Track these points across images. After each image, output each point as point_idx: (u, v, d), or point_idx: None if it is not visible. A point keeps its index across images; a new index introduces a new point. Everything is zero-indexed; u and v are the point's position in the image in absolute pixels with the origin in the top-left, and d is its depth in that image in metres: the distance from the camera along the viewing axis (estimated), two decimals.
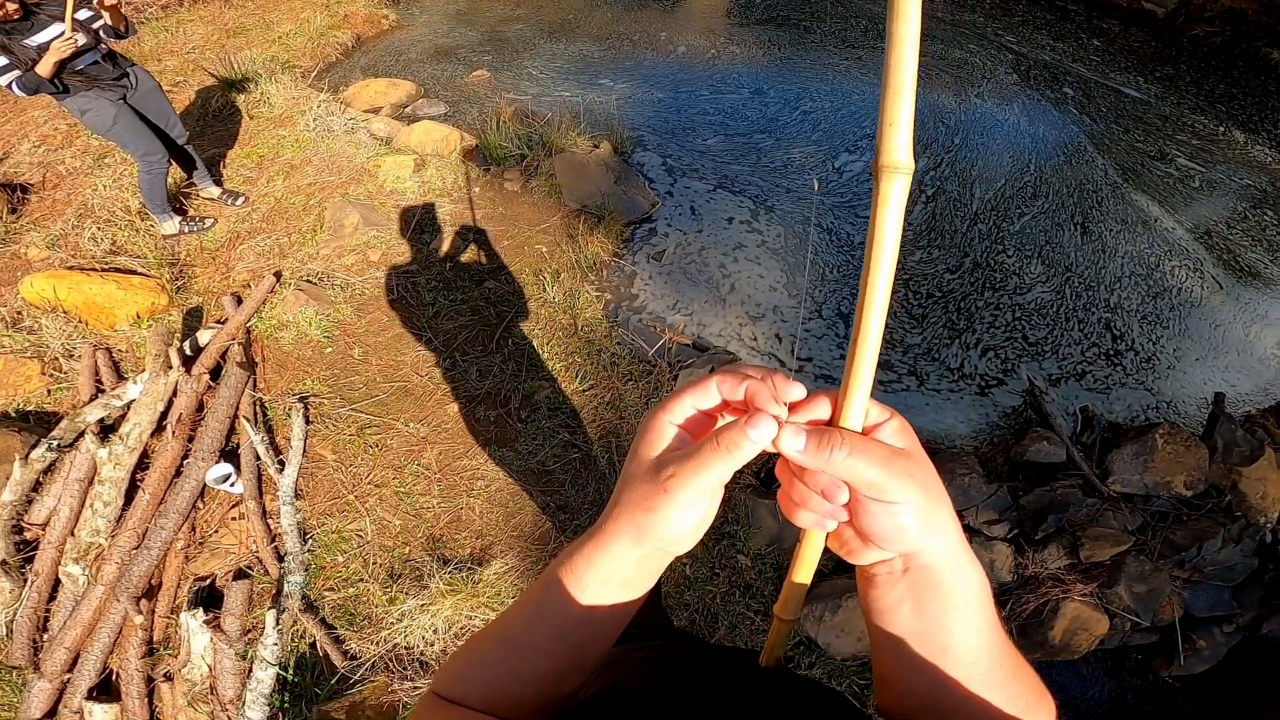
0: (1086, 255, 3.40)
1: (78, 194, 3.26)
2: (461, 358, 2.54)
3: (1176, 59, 5.80)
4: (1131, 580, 2.16)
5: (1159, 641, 2.26)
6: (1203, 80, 5.47)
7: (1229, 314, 3.29)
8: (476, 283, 2.78)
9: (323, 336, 2.59)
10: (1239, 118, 4.97)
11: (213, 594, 1.87)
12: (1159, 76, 5.41)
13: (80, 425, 2.09)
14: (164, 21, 4.84)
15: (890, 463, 0.32)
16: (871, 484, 0.32)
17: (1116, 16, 6.44)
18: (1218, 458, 2.54)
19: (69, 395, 2.32)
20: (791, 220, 3.21)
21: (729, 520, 2.15)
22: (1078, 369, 2.91)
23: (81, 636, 1.74)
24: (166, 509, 1.90)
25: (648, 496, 0.35)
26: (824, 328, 2.82)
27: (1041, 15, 6.27)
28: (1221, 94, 5.28)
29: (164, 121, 2.74)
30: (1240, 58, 5.94)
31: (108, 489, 1.93)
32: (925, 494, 0.33)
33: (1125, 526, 2.31)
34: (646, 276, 2.87)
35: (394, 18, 5.29)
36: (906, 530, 0.33)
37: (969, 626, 0.35)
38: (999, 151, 4.03)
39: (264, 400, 2.33)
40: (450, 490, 2.15)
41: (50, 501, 1.95)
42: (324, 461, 2.20)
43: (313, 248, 2.96)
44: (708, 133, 3.80)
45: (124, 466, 1.97)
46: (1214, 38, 6.07)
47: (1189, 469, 2.43)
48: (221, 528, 2.00)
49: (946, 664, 0.35)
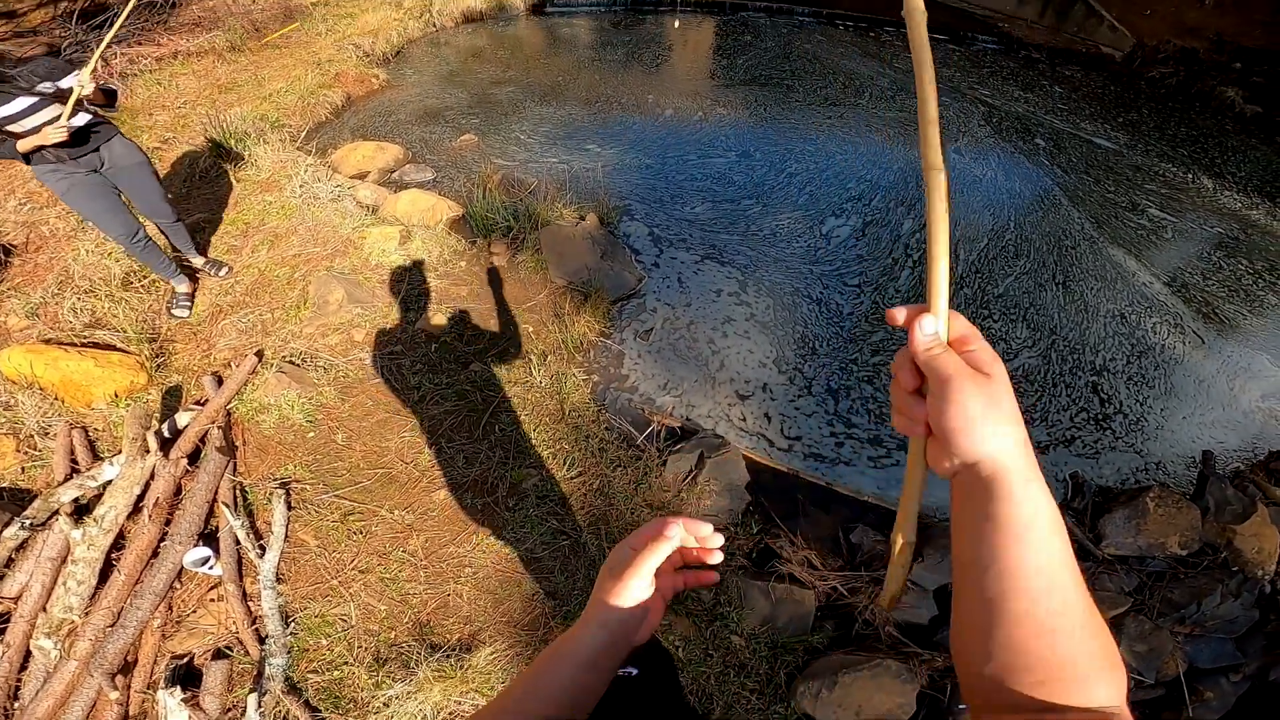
0: (1070, 315, 3.44)
1: (60, 258, 3.21)
2: (448, 444, 2.49)
3: (1136, 102, 6.02)
4: (1132, 641, 2.16)
5: (1165, 695, 2.22)
6: (1164, 124, 5.67)
7: (1212, 368, 3.32)
8: (462, 365, 2.74)
9: (305, 420, 2.53)
10: (1203, 161, 5.14)
11: (191, 672, 1.83)
12: (1122, 122, 5.61)
13: (54, 505, 2.06)
14: (157, 74, 4.87)
15: (962, 369, 0.38)
16: (945, 380, 0.38)
17: (1077, 62, 6.71)
18: (1210, 517, 2.55)
19: (43, 473, 2.27)
20: (781, 292, 3.22)
21: (721, 602, 2.12)
22: (1066, 435, 2.91)
23: (54, 709, 1.71)
24: (143, 589, 1.89)
25: (607, 589, 0.51)
26: (814, 404, 2.80)
27: (1008, 64, 6.51)
28: (1184, 137, 5.47)
29: (146, 205, 2.68)
30: (1196, 97, 6.19)
31: (81, 568, 1.92)
32: (986, 403, 0.37)
33: (1122, 588, 2.32)
34: (635, 355, 2.85)
35: (384, 77, 5.37)
36: (962, 431, 0.37)
37: (1028, 551, 0.35)
38: (979, 209, 4.11)
39: (244, 484, 2.28)
40: (437, 577, 2.10)
41: (22, 577, 1.94)
42: (306, 547, 2.15)
43: (296, 325, 2.91)
44: (695, 200, 3.84)
45: (98, 547, 1.96)
46: (1170, 79, 6.33)
47: (1182, 529, 2.43)
48: (200, 608, 1.97)
49: (1008, 593, 0.35)
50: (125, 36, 5.12)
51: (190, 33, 5.46)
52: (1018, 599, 0.35)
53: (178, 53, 5.18)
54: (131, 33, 5.16)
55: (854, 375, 2.93)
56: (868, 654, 2.04)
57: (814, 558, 2.31)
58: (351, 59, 5.41)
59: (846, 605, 2.20)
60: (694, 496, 2.36)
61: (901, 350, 0.42)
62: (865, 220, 3.78)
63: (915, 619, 2.21)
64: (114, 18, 4.81)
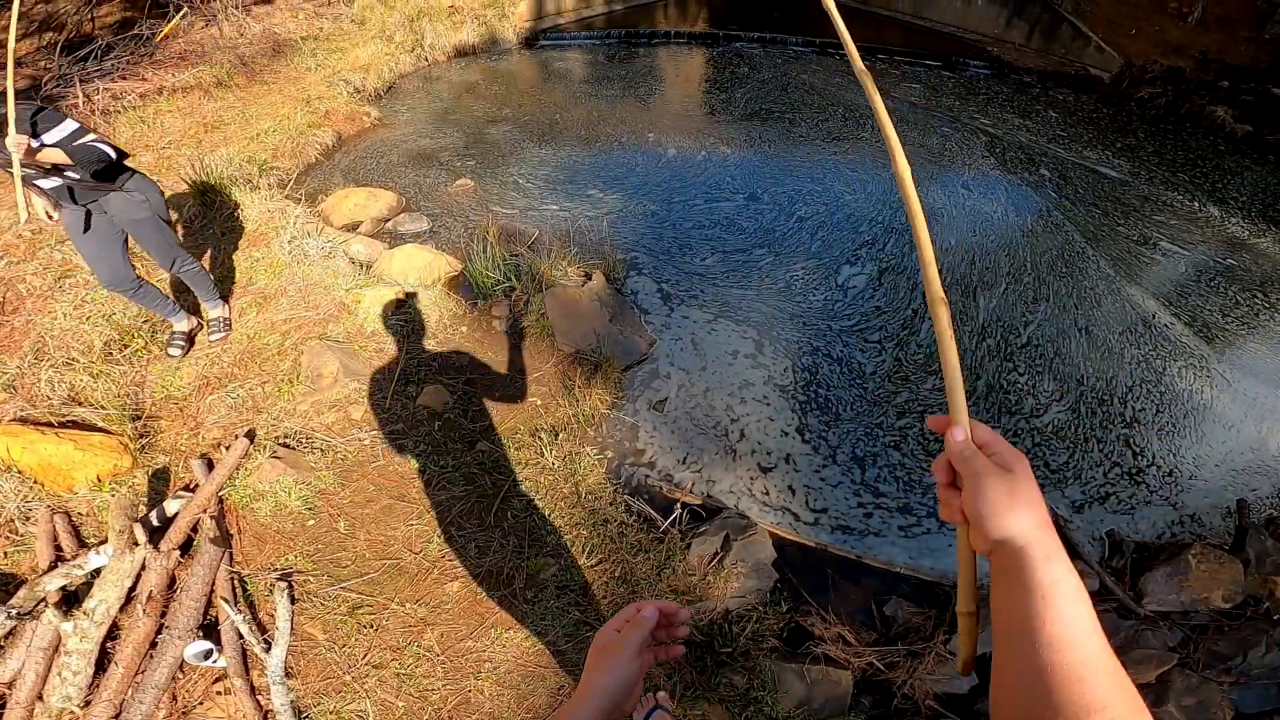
0: (1095, 364, 3.35)
1: (36, 322, 3.03)
2: (458, 532, 2.34)
3: (1130, 125, 6.01)
4: (1179, 696, 2.15)
5: None
6: (1162, 149, 5.65)
7: (1239, 412, 3.24)
8: (469, 445, 2.57)
9: (304, 508, 2.36)
10: (1204, 186, 5.11)
11: None
12: (1120, 148, 5.58)
13: (40, 594, 1.98)
14: (141, 112, 4.69)
15: (988, 466, 0.47)
16: (974, 475, 0.47)
17: (1068, 85, 6.72)
18: (1251, 569, 2.53)
19: (27, 558, 2.15)
20: (800, 352, 3.08)
21: (754, 686, 2.02)
22: (1101, 491, 2.81)
23: None
24: (144, 683, 1.82)
25: (600, 666, 0.61)
26: (839, 474, 2.66)
27: (1001, 90, 6.50)
28: (1183, 161, 5.45)
29: (156, 258, 2.57)
30: (1187, 118, 6.19)
31: (75, 659, 1.84)
32: (1008, 492, 0.46)
33: (1166, 644, 2.30)
34: (650, 428, 2.70)
35: (376, 114, 5.24)
36: (988, 517, 0.45)
37: (1052, 611, 0.40)
38: (995, 251, 4.01)
39: (243, 575, 2.15)
40: (455, 672, 1.98)
41: (14, 664, 1.86)
42: (314, 640, 2.02)
43: (289, 401, 2.74)
44: (704, 250, 3.70)
45: (91, 640, 1.89)
46: (1159, 99, 6.35)
47: (1225, 584, 2.42)
48: (207, 700, 1.87)
49: (1038, 648, 0.39)
50: (110, 71, 4.93)
51: (176, 67, 5.29)
52: (1046, 651, 0.39)
53: (163, 88, 5.01)
54: (116, 67, 4.97)
55: (879, 441, 2.79)
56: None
57: (847, 633, 2.23)
58: (342, 96, 5.27)
59: (884, 680, 2.14)
60: (721, 580, 2.24)
61: (940, 454, 0.52)
62: (881, 267, 3.67)
63: (954, 690, 2.16)
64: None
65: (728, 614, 2.16)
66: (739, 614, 2.17)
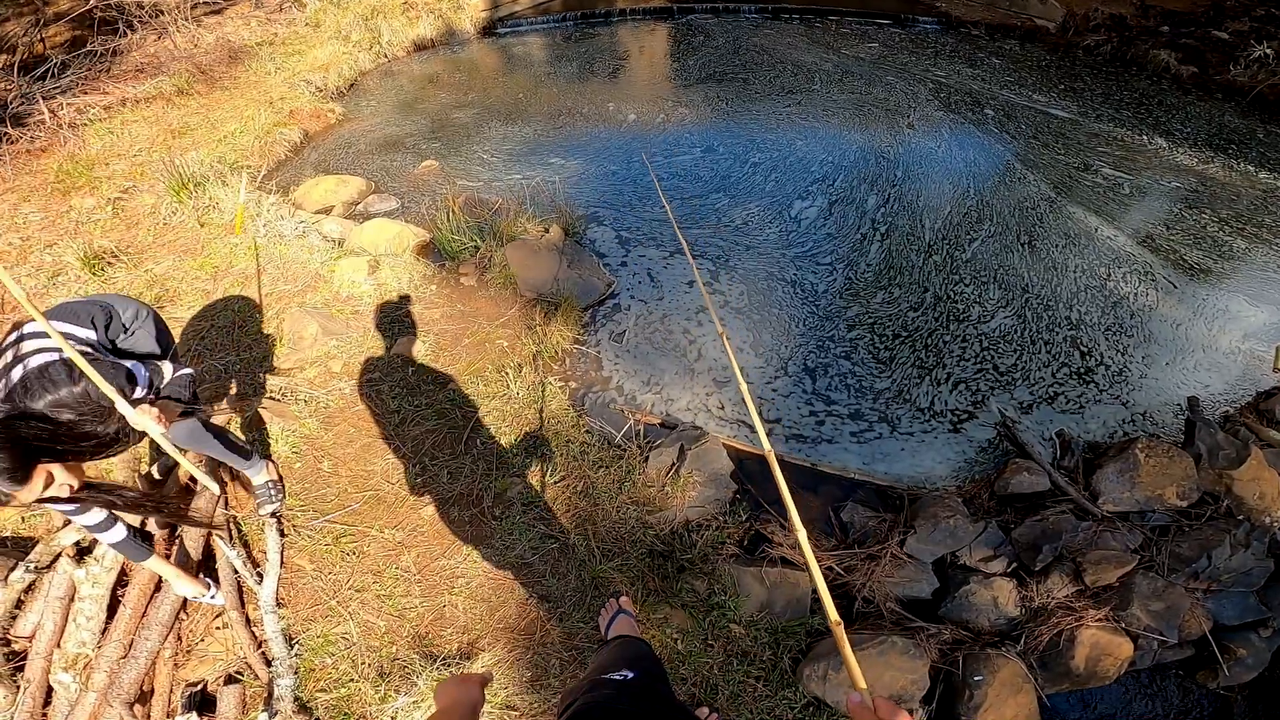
0: (1039, 274, 3.49)
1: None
2: (431, 462, 2.48)
3: (1075, 70, 6.14)
4: (1145, 599, 2.11)
5: (1196, 655, 2.20)
6: (1109, 91, 5.78)
7: (1187, 312, 3.33)
8: (440, 385, 2.72)
9: (290, 452, 2.51)
10: (1149, 121, 5.23)
11: (205, 698, 1.91)
12: (1064, 90, 5.72)
13: (56, 549, 2.12)
14: (108, 123, 4.78)
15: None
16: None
17: (1014, 36, 6.86)
18: (1204, 464, 2.49)
19: (43, 521, 2.29)
20: (755, 278, 3.23)
21: (715, 591, 2.10)
22: (1049, 392, 2.91)
23: None
24: (149, 622, 1.96)
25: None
26: (790, 384, 2.80)
27: (949, 42, 6.65)
28: (1128, 100, 5.58)
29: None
30: (1132, 62, 6.33)
31: (89, 604, 1.98)
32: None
33: (1126, 545, 2.26)
34: (612, 357, 2.85)
35: (340, 111, 5.36)
36: None
37: None
38: (939, 179, 4.17)
39: (237, 517, 2.29)
40: (431, 590, 2.13)
41: (34, 617, 2.00)
42: (302, 571, 2.17)
43: (274, 362, 2.89)
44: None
45: (102, 585, 2.03)
46: (1104, 45, 6.49)
47: (1177, 479, 2.38)
48: (208, 636, 2.04)
49: None
50: (70, 87, 5.04)
51: (135, 79, 5.38)
52: None
53: (125, 100, 5.11)
54: (75, 83, 5.08)
55: (830, 352, 2.94)
56: (872, 632, 2.02)
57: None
58: (304, 95, 5.39)
59: (844, 584, 2.19)
60: (679, 489, 2.35)
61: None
62: (831, 200, 3.83)
63: (917, 593, 2.19)
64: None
65: (688, 523, 2.25)
66: (699, 523, 2.26)
